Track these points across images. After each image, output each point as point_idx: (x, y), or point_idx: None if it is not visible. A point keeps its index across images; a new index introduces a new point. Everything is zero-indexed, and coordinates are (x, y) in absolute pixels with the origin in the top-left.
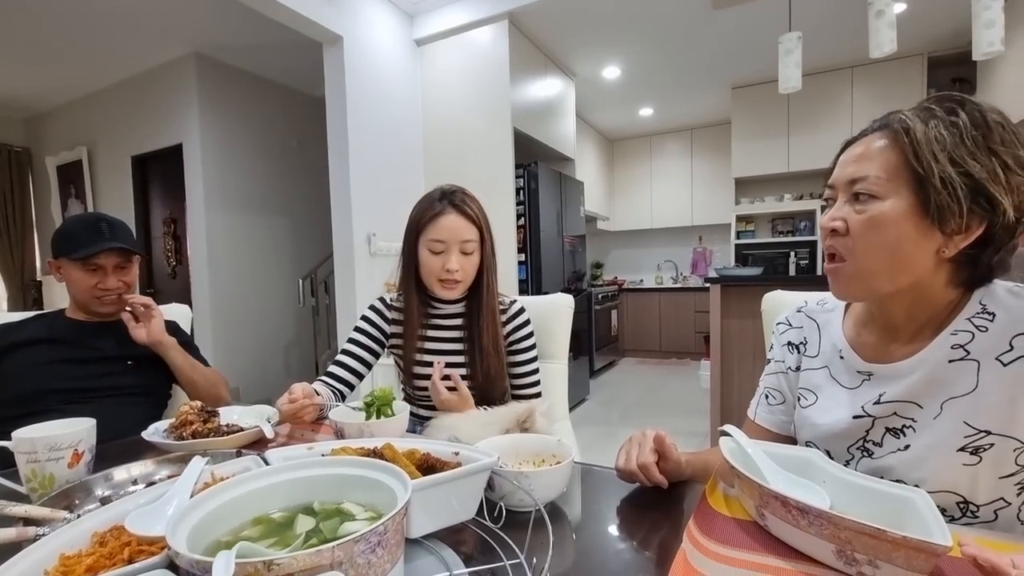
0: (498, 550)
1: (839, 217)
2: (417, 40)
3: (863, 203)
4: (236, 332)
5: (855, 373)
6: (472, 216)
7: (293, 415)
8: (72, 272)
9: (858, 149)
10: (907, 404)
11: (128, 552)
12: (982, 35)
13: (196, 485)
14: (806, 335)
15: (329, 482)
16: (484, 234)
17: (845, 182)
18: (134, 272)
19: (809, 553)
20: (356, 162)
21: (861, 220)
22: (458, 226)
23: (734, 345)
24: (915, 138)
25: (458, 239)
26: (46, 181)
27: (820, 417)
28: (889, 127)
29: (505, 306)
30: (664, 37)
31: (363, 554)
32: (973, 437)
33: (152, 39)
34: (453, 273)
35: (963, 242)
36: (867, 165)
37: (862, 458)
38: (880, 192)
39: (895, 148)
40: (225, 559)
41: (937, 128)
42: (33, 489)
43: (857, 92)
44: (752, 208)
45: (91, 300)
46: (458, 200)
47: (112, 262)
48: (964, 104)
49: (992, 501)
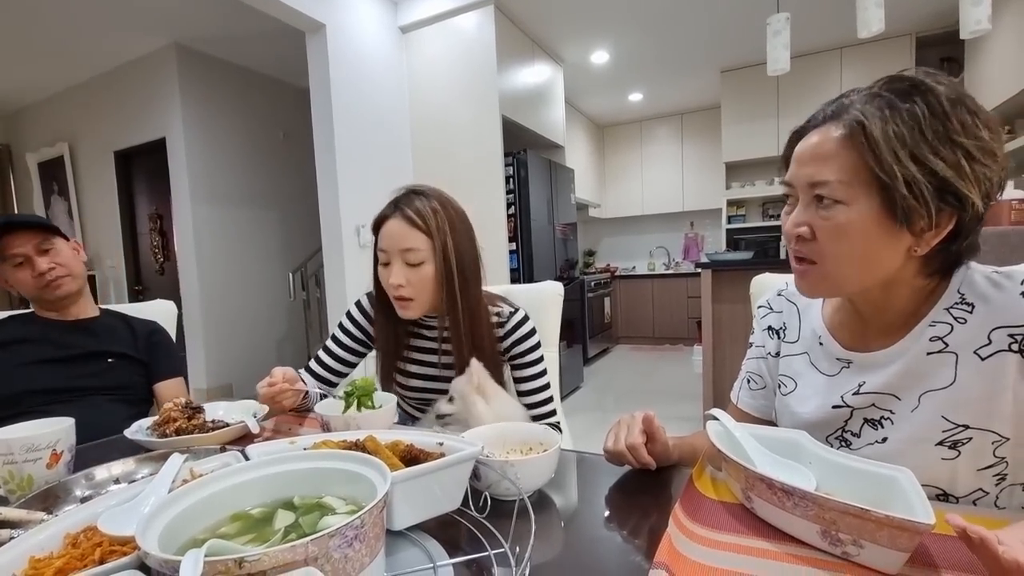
0: (483, 540)
1: (803, 222)
2: (402, 27)
3: (827, 208)
4: (227, 328)
5: (834, 360)
6: (416, 221)
7: (271, 398)
8: (9, 275)
9: (813, 143)
10: (885, 396)
11: (99, 553)
12: (969, 13)
13: (175, 482)
14: (785, 320)
15: (309, 476)
16: (436, 242)
17: (805, 184)
18: (65, 253)
19: (795, 534)
20: (342, 153)
21: (827, 228)
22: (399, 233)
23: (726, 329)
24: (873, 138)
25: (398, 247)
26: (28, 179)
27: (799, 405)
28: (845, 121)
29: (504, 318)
30: (652, 20)
31: (339, 548)
32: (951, 431)
33: (130, 30)
34: (397, 289)
35: (934, 239)
36: (825, 168)
37: (840, 448)
38: (843, 197)
39: (853, 148)
40: (194, 558)
41: (895, 122)
42: (11, 491)
43: (846, 73)
44: (743, 192)
45: (40, 291)
46: (405, 203)
47: (31, 246)
48: (919, 88)
49: (971, 493)
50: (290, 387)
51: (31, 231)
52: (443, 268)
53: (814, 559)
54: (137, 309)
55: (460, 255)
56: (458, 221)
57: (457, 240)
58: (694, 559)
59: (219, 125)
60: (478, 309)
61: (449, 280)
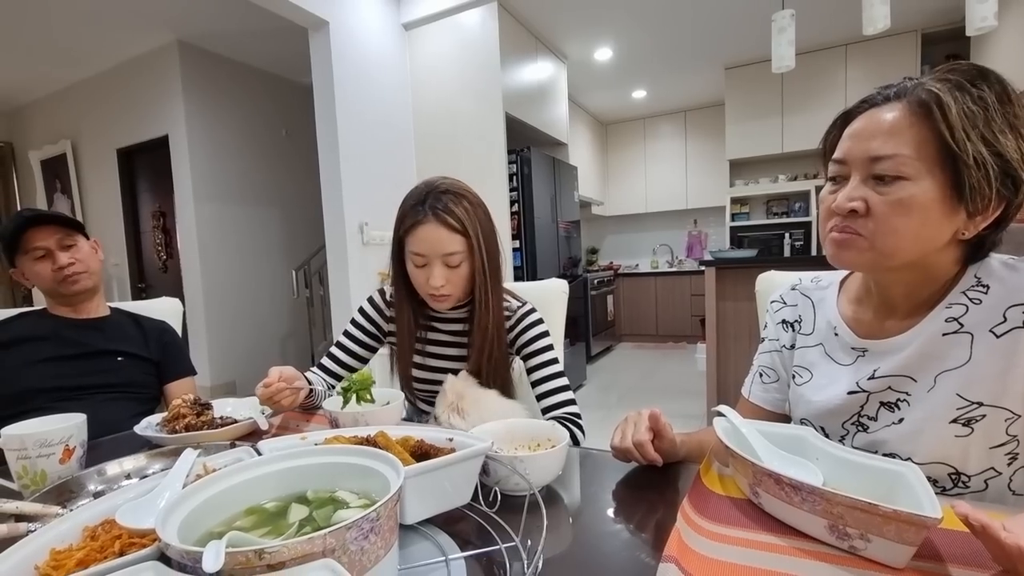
0: (493, 534)
1: (858, 197)
2: (405, 24)
3: (888, 184)
4: (230, 325)
5: (850, 350)
6: (455, 225)
7: (269, 399)
8: (28, 267)
9: (878, 119)
10: (901, 378)
11: (119, 545)
12: (975, 10)
13: (188, 477)
14: (800, 313)
15: (322, 471)
16: (473, 242)
17: (864, 159)
18: (85, 250)
19: (802, 529)
20: (346, 150)
21: (886, 202)
22: (438, 238)
23: (729, 327)
24: (951, 112)
25: (439, 252)
26: (31, 176)
27: (815, 394)
28: (912, 99)
29: (512, 311)
30: (656, 16)
31: (356, 541)
32: (965, 409)
33: (133, 27)
34: (438, 289)
35: (983, 223)
36: (893, 142)
37: (857, 433)
38: (910, 173)
39: (925, 124)
40: (215, 549)
41: (967, 103)
42: (25, 486)
43: (851, 70)
44: (746, 190)
45: (57, 286)
46: (440, 206)
47: (53, 240)
48: (987, 75)
49: (983, 471)
50: (287, 386)
51: (55, 226)
52: (479, 265)
53: (821, 553)
54: (144, 307)
55: (490, 250)
56: (485, 217)
57: (487, 237)
58: (703, 553)
59: (222, 122)
60: (498, 303)
61: (483, 275)
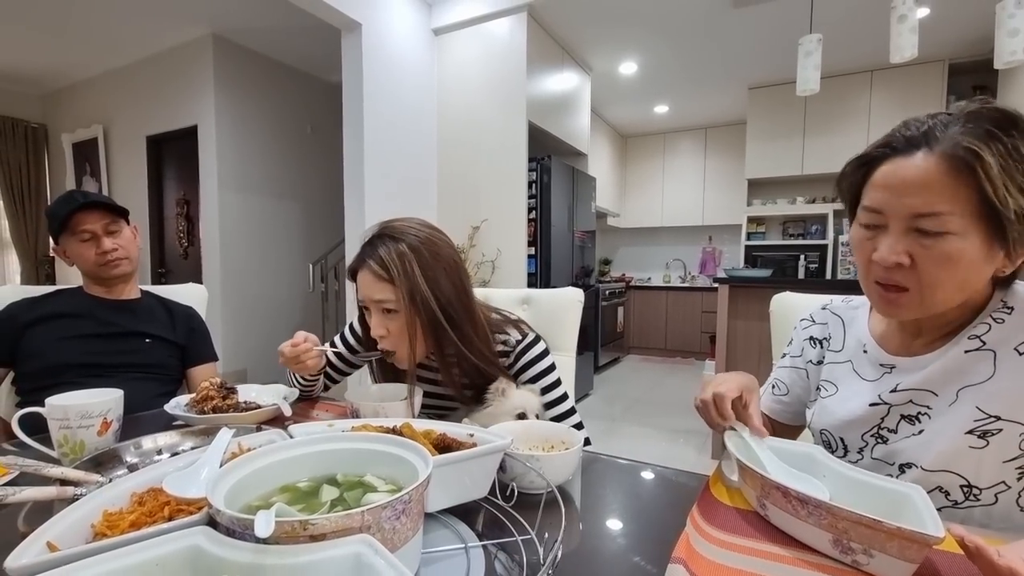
0: (510, 526)
1: (903, 251)
2: (435, 29)
3: (932, 238)
4: (246, 314)
5: (878, 366)
6: (378, 272)
7: (295, 358)
8: (72, 248)
9: (913, 173)
10: (923, 392)
11: (168, 511)
12: (1005, 43)
13: (224, 455)
14: (831, 331)
15: (353, 456)
16: (402, 289)
17: (907, 215)
18: (126, 235)
19: (807, 542)
20: (370, 150)
21: (932, 256)
22: (365, 283)
23: (740, 346)
24: (991, 171)
25: (371, 299)
26: (62, 158)
27: (838, 407)
28: (946, 151)
29: (510, 347)
30: (683, 34)
31: (389, 520)
32: (983, 421)
33: (170, 19)
34: (380, 340)
35: (1019, 259)
36: (935, 199)
37: (876, 444)
38: (955, 228)
39: (965, 180)
40: (266, 517)
41: (1004, 157)
42: (64, 454)
43: (875, 96)
44: (764, 210)
45: (98, 268)
46: (370, 251)
47: (100, 225)
48: (1017, 123)
49: (994, 485)
50: (314, 346)
51: (102, 210)
52: (422, 314)
53: (825, 566)
54: (172, 291)
55: (439, 296)
56: (433, 259)
57: (432, 282)
58: (710, 558)
59: (250, 115)
60: (472, 346)
61: (433, 326)
